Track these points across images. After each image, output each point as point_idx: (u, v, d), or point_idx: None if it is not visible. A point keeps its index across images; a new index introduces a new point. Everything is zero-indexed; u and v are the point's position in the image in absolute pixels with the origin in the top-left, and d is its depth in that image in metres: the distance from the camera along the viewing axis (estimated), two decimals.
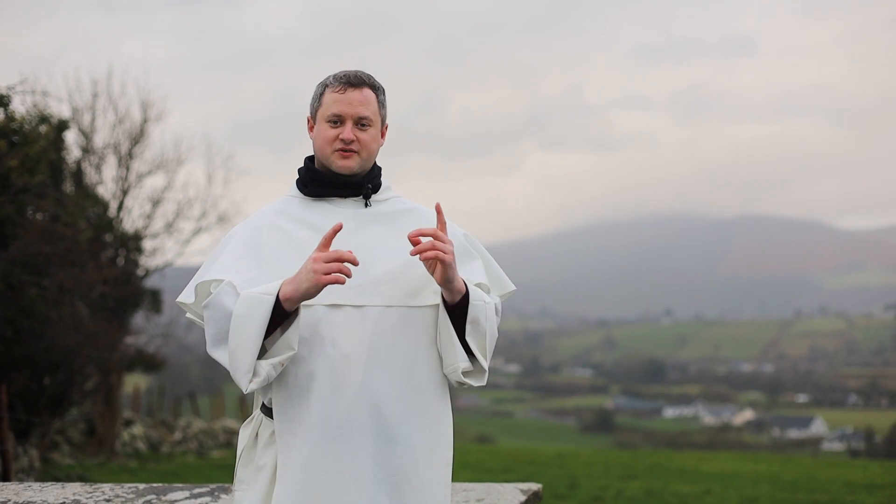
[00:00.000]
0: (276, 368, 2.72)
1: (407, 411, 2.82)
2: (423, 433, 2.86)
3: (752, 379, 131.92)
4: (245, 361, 2.69)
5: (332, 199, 2.97)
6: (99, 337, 15.46)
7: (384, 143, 3.03)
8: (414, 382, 2.85)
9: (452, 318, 2.83)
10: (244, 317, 2.67)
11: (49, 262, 12.60)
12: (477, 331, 2.85)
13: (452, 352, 2.84)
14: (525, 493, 4.53)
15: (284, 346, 2.71)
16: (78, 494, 4.44)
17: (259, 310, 2.66)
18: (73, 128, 18.98)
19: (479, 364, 2.90)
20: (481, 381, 2.92)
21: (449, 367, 2.86)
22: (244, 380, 2.71)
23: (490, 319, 2.89)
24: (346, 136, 2.87)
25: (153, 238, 20.71)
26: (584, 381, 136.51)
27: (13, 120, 12.21)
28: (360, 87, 2.90)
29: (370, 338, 2.80)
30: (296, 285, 2.65)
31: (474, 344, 2.86)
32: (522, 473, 17.03)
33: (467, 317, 2.83)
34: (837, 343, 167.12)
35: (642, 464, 20.27)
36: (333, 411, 2.76)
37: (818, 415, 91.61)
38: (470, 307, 2.82)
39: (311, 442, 2.75)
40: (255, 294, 2.67)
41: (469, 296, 2.82)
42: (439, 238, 2.70)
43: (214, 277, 2.83)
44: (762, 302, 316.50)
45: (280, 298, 2.66)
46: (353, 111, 2.88)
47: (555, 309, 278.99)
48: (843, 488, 15.20)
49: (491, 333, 2.90)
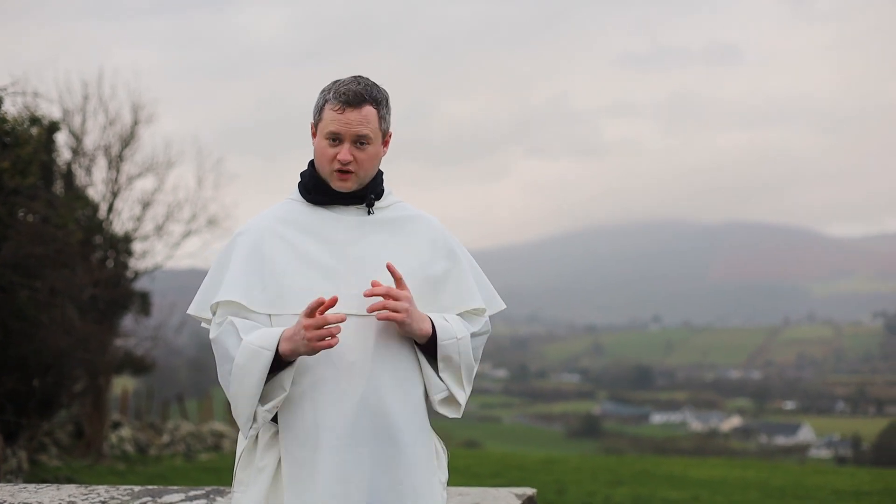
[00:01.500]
0: (270, 413, 2.83)
1: (410, 419, 2.87)
2: (425, 441, 2.93)
3: (739, 385, 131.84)
4: (246, 411, 2.82)
5: (335, 206, 2.99)
6: (89, 339, 15.41)
7: (387, 152, 3.04)
8: (417, 391, 2.91)
9: (427, 352, 2.92)
10: (244, 368, 2.77)
11: (40, 265, 12.56)
12: (450, 367, 2.94)
13: (430, 384, 2.93)
14: (520, 497, 4.54)
15: (277, 387, 2.80)
16: (73, 496, 4.45)
17: (258, 364, 2.75)
18: (64, 129, 18.92)
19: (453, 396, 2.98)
20: (455, 414, 3.00)
21: (429, 396, 2.96)
22: (245, 427, 2.85)
23: (464, 353, 2.96)
24: (343, 158, 2.89)
25: (143, 240, 20.64)
26: (572, 386, 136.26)
27: (5, 121, 12.16)
28: (359, 107, 2.88)
29: (374, 346, 2.84)
30: (294, 348, 2.73)
31: (448, 379, 2.95)
32: (511, 478, 17.02)
33: (437, 356, 2.91)
34: (825, 350, 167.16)
35: (630, 470, 20.28)
36: (337, 418, 2.80)
37: (806, 422, 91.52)
38: (439, 348, 2.90)
39: (315, 449, 2.79)
40: (255, 348, 2.76)
41: (437, 337, 2.89)
42: (391, 296, 2.78)
43: (223, 299, 2.89)
44: (750, 309, 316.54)
45: (279, 351, 2.74)
46: (351, 131, 2.88)
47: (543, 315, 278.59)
48: (830, 495, 15.23)
49: (466, 366, 2.98)
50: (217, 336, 2.87)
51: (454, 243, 3.11)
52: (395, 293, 2.78)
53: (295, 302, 2.84)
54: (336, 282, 2.87)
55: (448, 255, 3.06)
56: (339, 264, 2.90)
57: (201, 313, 2.97)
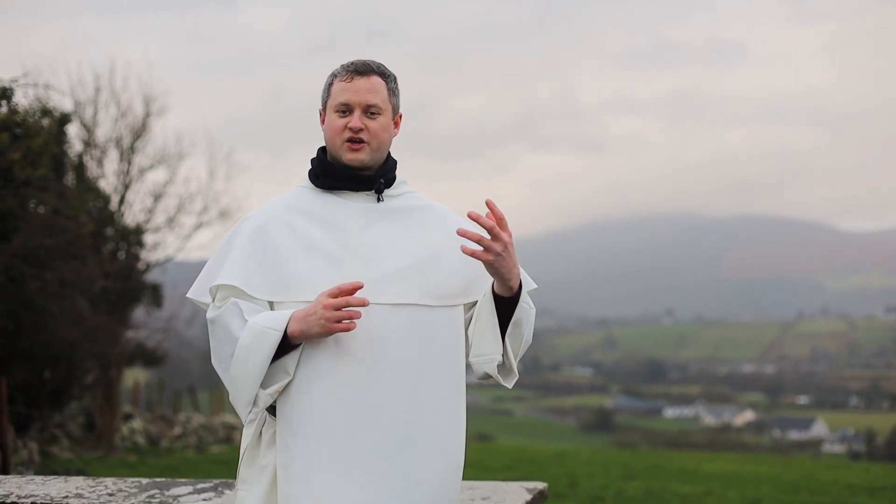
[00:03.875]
0: (272, 397, 2.73)
1: (416, 412, 2.76)
2: (433, 435, 2.79)
3: (752, 380, 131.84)
4: (247, 394, 2.72)
5: (344, 192, 2.90)
6: (99, 331, 15.44)
7: (398, 134, 2.96)
8: (424, 383, 2.78)
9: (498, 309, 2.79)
10: (248, 349, 2.68)
11: (51, 256, 12.57)
12: (517, 332, 2.82)
13: (492, 342, 2.80)
14: (531, 491, 4.48)
15: (280, 371, 2.71)
16: (80, 488, 4.41)
17: (264, 344, 2.67)
18: (76, 121, 18.96)
19: (509, 364, 2.85)
20: (510, 382, 2.89)
21: (482, 356, 2.83)
22: (244, 411, 2.75)
23: (530, 324, 2.86)
24: (354, 125, 2.80)
25: (154, 232, 20.71)
26: (585, 380, 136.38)
27: (16, 113, 12.18)
28: (368, 75, 2.84)
29: (377, 337, 2.74)
30: (305, 328, 2.64)
31: (511, 344, 2.82)
32: (523, 472, 17.00)
33: (512, 317, 2.78)
34: (839, 344, 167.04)
35: (642, 464, 20.24)
36: (334, 410, 2.71)
37: (819, 416, 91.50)
38: (518, 307, 2.78)
39: (310, 440, 2.71)
40: (262, 328, 2.67)
41: (520, 296, 2.77)
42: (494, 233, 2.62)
43: (223, 282, 2.81)
44: (763, 303, 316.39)
45: (288, 332, 2.66)
46: (360, 99, 2.81)
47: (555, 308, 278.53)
48: (844, 490, 15.17)
49: (526, 340, 2.87)
50: (217, 316, 2.78)
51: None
52: (497, 232, 2.62)
53: (297, 289, 2.77)
54: (340, 269, 2.78)
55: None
56: (344, 251, 2.81)
57: (201, 297, 2.90)
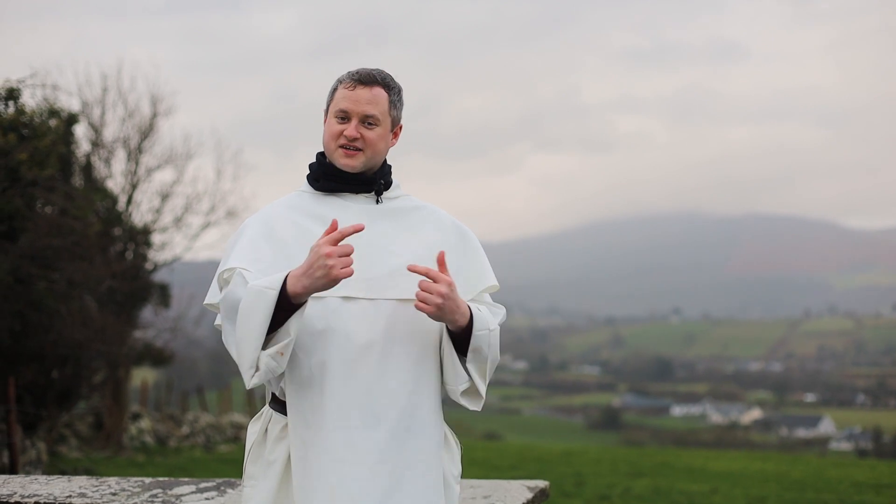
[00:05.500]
0: (276, 360, 2.70)
1: (421, 404, 2.84)
2: (437, 427, 2.89)
3: (760, 378, 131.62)
4: (249, 356, 2.70)
5: (343, 194, 2.97)
6: (107, 331, 15.47)
7: (396, 144, 3.03)
8: (428, 377, 2.87)
9: (455, 340, 2.86)
10: (248, 310, 2.67)
11: (58, 256, 12.60)
12: (478, 358, 2.89)
13: (453, 373, 2.88)
14: (532, 490, 4.50)
15: (283, 333, 2.70)
16: (84, 488, 4.42)
17: (262, 304, 2.65)
18: (83, 121, 18.99)
19: (475, 388, 2.93)
20: (477, 406, 2.96)
21: (448, 386, 2.91)
22: (248, 374, 2.72)
23: (493, 346, 2.92)
24: (350, 134, 2.87)
25: (162, 232, 20.73)
26: (592, 378, 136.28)
27: (23, 113, 12.21)
28: (371, 86, 2.89)
29: (385, 330, 2.81)
30: (309, 279, 2.62)
31: (474, 370, 2.90)
32: (530, 471, 17.01)
33: (469, 346, 2.85)
34: (846, 343, 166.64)
35: (650, 462, 20.24)
36: (347, 402, 2.76)
37: (826, 414, 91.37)
38: (473, 338, 2.84)
39: (324, 432, 2.75)
40: (259, 287, 2.66)
41: (473, 325, 2.84)
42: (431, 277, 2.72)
43: (230, 266, 2.83)
44: (770, 301, 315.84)
45: (288, 292, 2.64)
46: (359, 109, 2.87)
47: (563, 306, 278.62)
48: (850, 488, 15.15)
49: (492, 359, 2.93)
50: (227, 292, 2.79)
51: (464, 229, 3.09)
52: (434, 275, 2.72)
53: None
54: None
55: (459, 240, 3.04)
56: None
57: (214, 299, 2.92)
